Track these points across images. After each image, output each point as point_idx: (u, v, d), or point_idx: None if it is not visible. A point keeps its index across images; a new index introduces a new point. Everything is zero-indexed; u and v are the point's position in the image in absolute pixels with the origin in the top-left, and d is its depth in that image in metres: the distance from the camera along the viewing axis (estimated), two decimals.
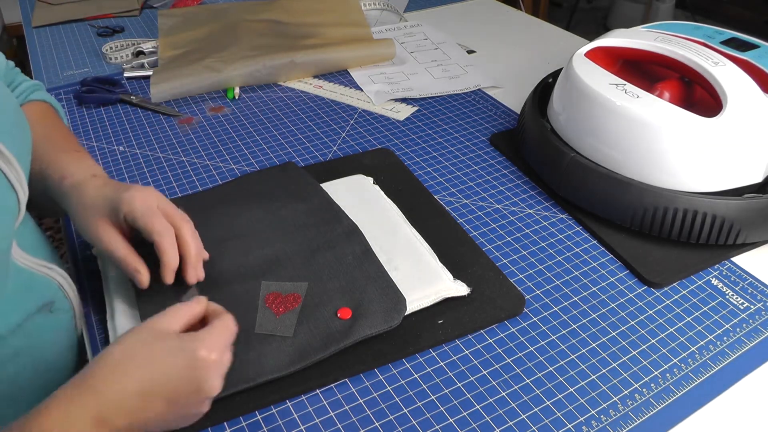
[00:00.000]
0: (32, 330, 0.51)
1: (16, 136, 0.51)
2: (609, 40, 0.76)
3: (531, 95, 0.81)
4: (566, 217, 0.70)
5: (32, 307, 0.51)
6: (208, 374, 0.44)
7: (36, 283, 0.52)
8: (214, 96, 0.96)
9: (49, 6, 1.30)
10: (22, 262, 0.50)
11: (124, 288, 0.59)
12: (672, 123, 0.63)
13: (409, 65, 1.04)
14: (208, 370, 0.44)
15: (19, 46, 2.00)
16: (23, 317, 0.50)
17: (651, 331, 0.57)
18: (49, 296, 0.53)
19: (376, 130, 0.87)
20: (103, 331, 0.57)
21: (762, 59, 0.69)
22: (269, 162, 0.80)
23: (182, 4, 1.27)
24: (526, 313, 0.59)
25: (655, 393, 0.52)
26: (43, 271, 0.53)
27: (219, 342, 0.46)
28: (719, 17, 3.20)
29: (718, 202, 0.62)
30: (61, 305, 0.55)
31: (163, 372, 0.43)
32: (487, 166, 0.79)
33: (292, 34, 1.07)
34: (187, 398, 0.44)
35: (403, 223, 0.67)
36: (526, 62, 1.05)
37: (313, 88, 0.98)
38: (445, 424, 0.49)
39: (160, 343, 0.45)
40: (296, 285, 0.59)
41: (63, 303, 0.55)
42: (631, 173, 0.65)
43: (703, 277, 0.62)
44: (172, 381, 0.43)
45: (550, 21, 1.27)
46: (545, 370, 0.53)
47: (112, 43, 1.11)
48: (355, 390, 0.52)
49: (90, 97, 0.93)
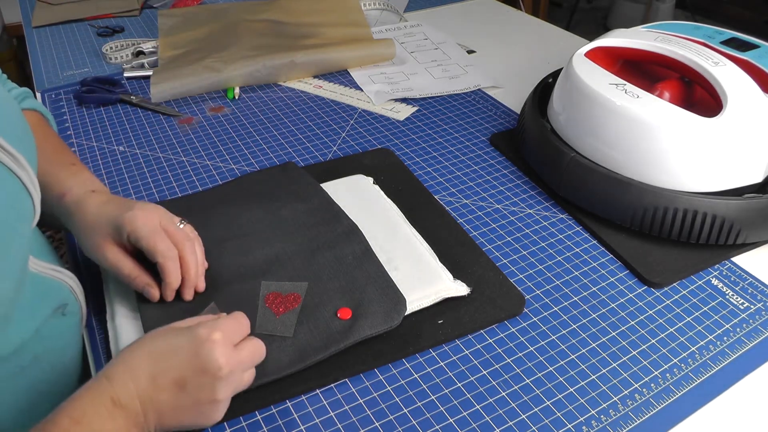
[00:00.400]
0: (48, 334, 0.51)
1: (25, 140, 0.51)
2: (609, 40, 0.76)
3: (531, 95, 0.81)
4: (566, 217, 0.70)
5: (48, 311, 0.51)
6: (211, 352, 0.44)
7: (49, 288, 0.52)
8: (214, 96, 0.96)
9: (49, 6, 1.30)
10: (34, 268, 0.50)
11: (124, 289, 0.59)
12: (672, 123, 0.63)
13: (409, 65, 1.04)
14: (211, 347, 0.45)
15: (19, 46, 2.00)
16: (40, 322, 0.50)
17: (651, 331, 0.57)
18: (62, 299, 0.53)
19: (376, 130, 0.87)
20: (102, 332, 0.57)
21: (762, 59, 0.69)
22: (269, 162, 0.80)
23: (182, 4, 1.27)
24: (526, 313, 0.59)
25: (655, 393, 0.52)
26: (55, 275, 0.53)
27: (223, 325, 0.47)
28: (719, 17, 3.20)
29: (718, 202, 0.62)
30: (72, 308, 0.55)
31: (169, 354, 0.45)
32: (487, 166, 0.79)
33: (292, 34, 1.07)
34: (194, 380, 0.44)
35: (403, 223, 0.67)
36: (526, 62, 1.05)
37: (313, 88, 0.98)
38: (445, 424, 0.49)
39: (169, 334, 0.46)
40: (296, 285, 0.59)
41: (74, 305, 0.55)
42: (631, 173, 0.65)
43: (703, 277, 0.62)
44: (177, 361, 0.44)
45: (550, 21, 1.27)
46: (545, 370, 0.53)
47: (112, 43, 1.11)
48: (355, 390, 0.52)
49: (90, 97, 0.93)
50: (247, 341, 0.48)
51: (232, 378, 0.46)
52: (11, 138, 0.47)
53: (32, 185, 0.49)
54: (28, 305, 0.49)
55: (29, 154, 0.50)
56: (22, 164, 0.47)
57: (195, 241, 0.58)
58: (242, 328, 0.49)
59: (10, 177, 0.46)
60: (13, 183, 0.46)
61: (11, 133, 0.48)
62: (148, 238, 0.54)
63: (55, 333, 0.52)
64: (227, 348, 0.46)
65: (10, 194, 0.46)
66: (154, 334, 0.47)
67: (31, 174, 0.49)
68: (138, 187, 0.76)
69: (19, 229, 0.46)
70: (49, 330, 0.51)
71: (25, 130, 0.52)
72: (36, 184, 0.50)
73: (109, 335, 0.56)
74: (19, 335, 0.48)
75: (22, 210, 0.47)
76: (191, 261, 0.56)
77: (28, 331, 0.49)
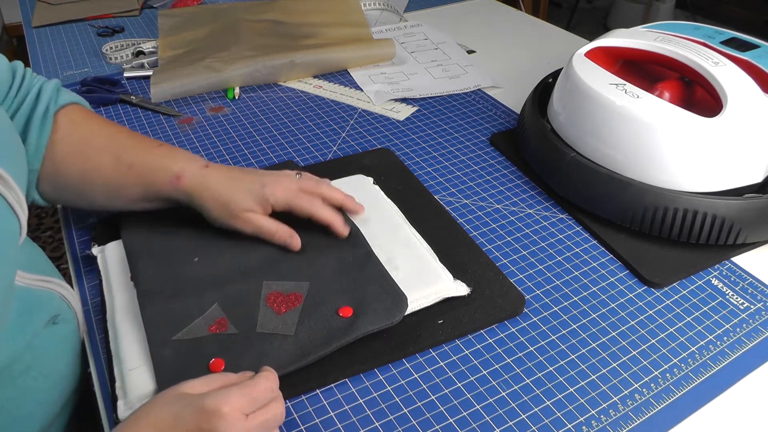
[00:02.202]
0: (40, 344, 0.51)
1: (12, 155, 0.50)
2: (609, 40, 0.76)
3: (531, 95, 0.81)
4: (566, 217, 0.70)
5: (39, 323, 0.51)
6: (216, 427, 0.41)
7: (39, 300, 0.51)
8: (214, 96, 0.96)
9: (49, 6, 1.30)
10: (22, 282, 0.49)
11: (124, 289, 0.59)
12: (672, 123, 0.63)
13: (409, 65, 1.04)
14: (217, 423, 0.41)
15: (19, 46, 2.00)
16: (31, 335, 0.50)
17: (651, 331, 0.57)
18: (53, 310, 0.53)
19: (376, 130, 0.87)
20: (102, 331, 0.57)
21: (762, 59, 0.69)
22: (269, 162, 0.80)
23: (182, 4, 1.27)
24: (526, 313, 0.59)
25: (655, 393, 0.52)
26: (44, 286, 0.52)
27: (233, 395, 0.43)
28: (719, 17, 3.20)
29: (718, 202, 0.62)
30: (65, 316, 0.54)
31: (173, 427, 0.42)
32: (487, 166, 0.79)
33: (292, 34, 1.07)
34: None
35: (403, 223, 0.67)
36: (526, 62, 1.05)
37: (313, 88, 0.98)
38: (445, 424, 0.49)
39: (177, 402, 0.43)
40: (297, 284, 0.59)
41: (67, 313, 0.55)
42: (631, 173, 0.65)
43: (703, 277, 0.62)
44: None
45: (550, 21, 1.27)
46: (545, 370, 0.53)
47: (112, 43, 1.11)
48: (355, 390, 0.52)
49: (90, 97, 0.93)
50: (262, 409, 0.44)
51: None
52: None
53: (18, 205, 0.47)
54: (16, 321, 0.47)
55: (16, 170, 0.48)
56: (9, 184, 0.46)
57: (323, 181, 0.65)
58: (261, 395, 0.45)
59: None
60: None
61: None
62: (291, 202, 0.61)
63: (48, 343, 0.51)
64: (235, 420, 0.42)
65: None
66: (162, 401, 0.44)
67: (18, 192, 0.47)
68: None
69: (4, 252, 0.45)
70: (41, 341, 0.50)
71: (15, 144, 0.51)
72: (23, 203, 0.48)
73: (109, 335, 0.56)
74: (9, 349, 0.47)
75: (7, 232, 0.46)
76: (337, 195, 0.64)
77: (18, 345, 0.48)
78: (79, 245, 0.67)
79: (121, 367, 0.52)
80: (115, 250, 0.64)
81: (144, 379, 0.51)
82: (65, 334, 0.54)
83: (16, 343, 0.48)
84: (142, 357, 0.53)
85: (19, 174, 0.49)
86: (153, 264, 0.60)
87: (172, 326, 0.54)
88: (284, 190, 0.61)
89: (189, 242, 0.63)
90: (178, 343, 0.53)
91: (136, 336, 0.54)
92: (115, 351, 0.54)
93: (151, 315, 0.55)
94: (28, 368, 0.49)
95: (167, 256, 0.61)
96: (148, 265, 0.60)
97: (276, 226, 0.61)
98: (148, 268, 0.60)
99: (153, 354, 0.52)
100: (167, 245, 0.62)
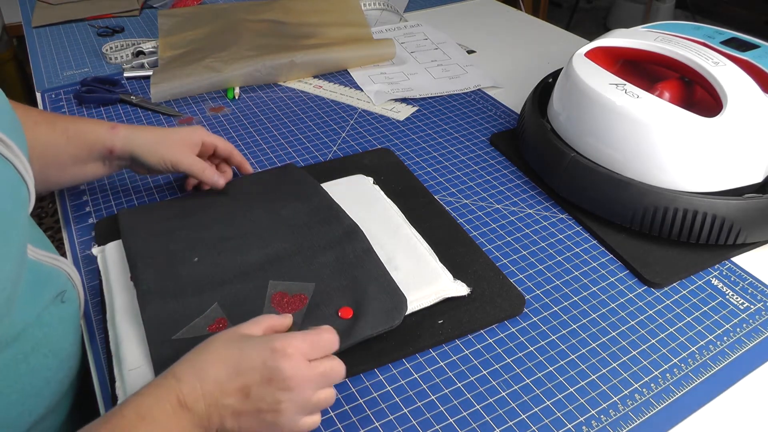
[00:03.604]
0: (48, 320, 0.52)
1: (15, 127, 0.51)
2: (609, 40, 0.76)
3: (531, 95, 0.81)
4: (566, 217, 0.70)
5: (47, 298, 0.52)
6: (280, 365, 0.44)
7: (48, 275, 0.53)
8: (214, 96, 0.96)
9: (49, 6, 1.30)
10: (33, 256, 0.51)
11: (124, 289, 0.59)
12: (672, 123, 0.63)
13: (409, 65, 1.04)
14: (281, 358, 0.44)
15: (19, 46, 1.99)
16: (41, 308, 0.51)
17: (651, 331, 0.57)
18: (60, 286, 0.54)
19: (376, 130, 0.87)
20: (102, 332, 0.57)
21: (762, 59, 0.69)
22: (269, 162, 0.80)
23: (182, 4, 1.27)
24: (526, 313, 0.59)
25: (655, 393, 0.52)
26: (53, 263, 0.53)
27: (299, 340, 0.45)
28: (719, 17, 3.20)
29: (718, 202, 0.62)
30: (70, 295, 0.55)
31: (240, 361, 0.44)
32: (487, 166, 0.79)
33: (292, 34, 1.07)
34: (259, 389, 0.44)
35: (403, 223, 0.67)
36: (526, 62, 1.05)
37: (313, 88, 0.98)
38: (445, 424, 0.49)
39: (241, 341, 0.46)
40: (303, 285, 0.58)
41: (72, 293, 0.56)
42: (631, 173, 0.65)
43: (703, 277, 0.62)
44: (245, 368, 0.44)
45: (550, 21, 1.27)
46: (545, 370, 0.53)
47: (112, 43, 1.11)
48: (354, 390, 0.52)
49: (90, 97, 0.93)
50: (324, 359, 0.46)
51: (300, 393, 0.45)
52: (2, 125, 0.47)
53: (26, 172, 0.49)
54: (29, 291, 0.49)
55: (20, 142, 0.50)
56: (15, 152, 0.48)
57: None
58: (324, 345, 0.47)
59: (4, 164, 0.46)
60: (8, 170, 0.47)
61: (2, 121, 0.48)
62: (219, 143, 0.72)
63: (55, 320, 0.53)
64: (299, 362, 0.45)
65: (5, 182, 0.46)
66: (227, 337, 0.46)
67: (24, 161, 0.49)
68: (138, 187, 0.76)
69: (18, 215, 0.47)
70: (49, 316, 0.52)
71: (14, 118, 0.53)
72: (29, 171, 0.50)
73: (109, 335, 0.56)
74: (21, 320, 0.48)
75: (18, 197, 0.47)
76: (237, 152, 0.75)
77: (30, 316, 0.49)
78: (79, 245, 0.67)
79: (121, 367, 0.52)
80: (115, 250, 0.64)
81: (144, 379, 0.51)
82: (71, 312, 0.55)
83: (28, 314, 0.49)
84: (142, 357, 0.53)
85: (22, 144, 0.51)
86: (153, 264, 0.60)
87: (171, 326, 0.54)
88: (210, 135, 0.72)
89: (189, 242, 0.63)
90: (178, 342, 0.53)
91: (136, 336, 0.55)
92: (115, 351, 0.54)
93: (151, 315, 0.55)
94: (38, 344, 0.50)
95: (167, 256, 0.61)
96: (148, 265, 0.60)
97: (204, 164, 0.69)
98: (148, 268, 0.60)
99: (153, 353, 0.52)
100: (167, 245, 0.63)
